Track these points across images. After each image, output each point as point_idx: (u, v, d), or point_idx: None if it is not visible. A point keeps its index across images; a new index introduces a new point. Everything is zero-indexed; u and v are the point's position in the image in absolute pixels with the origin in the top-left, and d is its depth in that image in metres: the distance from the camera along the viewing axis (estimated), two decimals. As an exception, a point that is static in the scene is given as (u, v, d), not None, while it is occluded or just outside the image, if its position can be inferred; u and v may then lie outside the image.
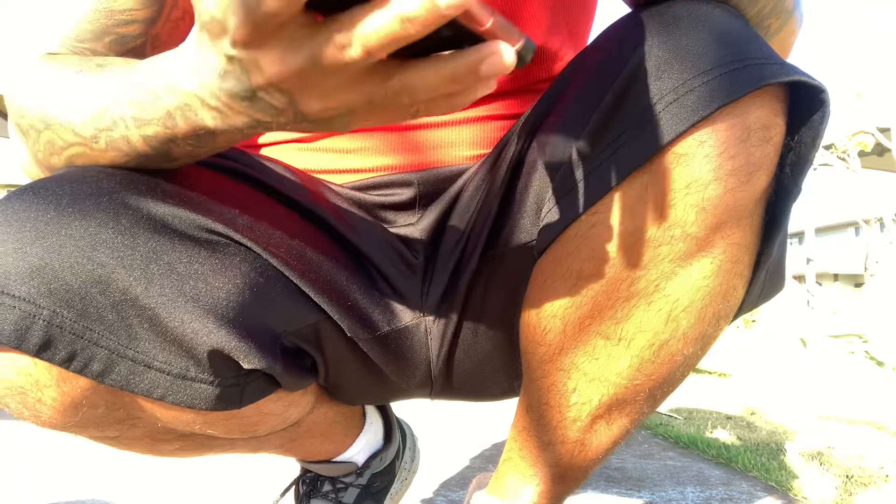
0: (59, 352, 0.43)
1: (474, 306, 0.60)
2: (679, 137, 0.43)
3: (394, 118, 0.37)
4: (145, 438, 0.55)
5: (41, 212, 0.42)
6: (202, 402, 0.48)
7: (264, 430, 0.60)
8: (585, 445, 0.54)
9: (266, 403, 0.55)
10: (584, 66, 0.52)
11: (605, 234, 0.47)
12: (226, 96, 0.37)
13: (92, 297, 0.42)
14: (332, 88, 0.34)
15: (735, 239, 0.46)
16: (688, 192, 0.44)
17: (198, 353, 0.46)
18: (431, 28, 0.29)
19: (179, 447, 0.58)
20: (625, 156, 0.45)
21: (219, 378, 0.48)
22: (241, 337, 0.47)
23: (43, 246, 0.42)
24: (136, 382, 0.45)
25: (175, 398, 0.47)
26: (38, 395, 0.45)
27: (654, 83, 0.44)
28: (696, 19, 0.45)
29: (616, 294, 0.47)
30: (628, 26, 0.48)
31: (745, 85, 0.42)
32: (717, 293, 0.47)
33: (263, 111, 0.37)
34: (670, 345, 0.48)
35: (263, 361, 0.48)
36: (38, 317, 0.42)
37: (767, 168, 0.44)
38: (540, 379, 0.53)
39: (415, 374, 0.64)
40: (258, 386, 0.52)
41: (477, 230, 0.59)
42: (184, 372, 0.46)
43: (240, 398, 0.51)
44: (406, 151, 0.64)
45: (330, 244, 0.59)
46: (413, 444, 0.93)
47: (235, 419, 0.55)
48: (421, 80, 0.33)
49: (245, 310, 0.48)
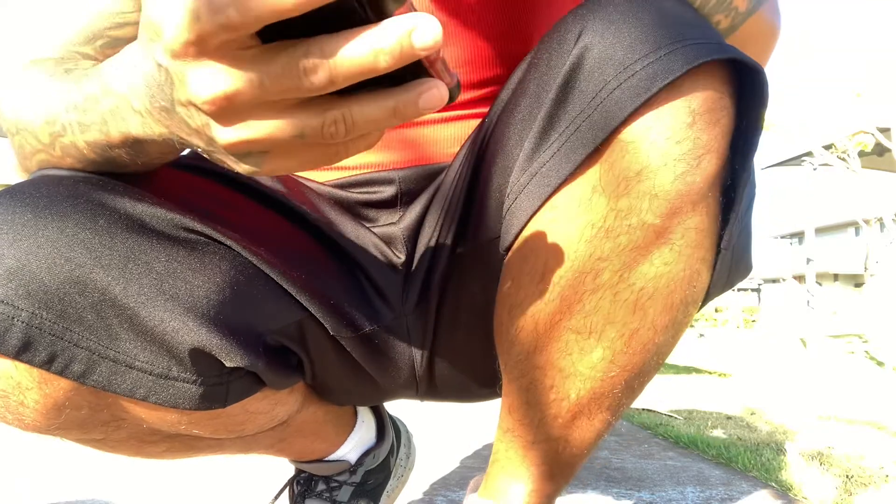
0: (40, 353, 0.42)
1: (450, 305, 0.60)
2: (624, 124, 0.43)
3: (314, 159, 0.34)
4: (131, 440, 0.54)
5: (18, 214, 0.42)
6: (185, 401, 0.48)
7: (252, 430, 0.59)
8: (569, 441, 0.53)
9: (252, 402, 0.55)
10: (535, 61, 0.52)
11: (566, 228, 0.47)
12: (149, 102, 0.36)
13: (71, 297, 0.42)
14: (260, 118, 0.31)
15: (692, 224, 0.45)
16: (639, 179, 0.44)
17: (179, 352, 0.45)
18: (402, 64, 0.29)
19: (167, 448, 0.58)
20: (574, 146, 0.45)
21: (202, 377, 0.48)
22: (222, 335, 0.46)
23: (20, 248, 0.41)
24: (118, 383, 0.45)
25: (158, 398, 0.47)
26: (20, 397, 0.45)
27: (597, 71, 0.44)
28: (639, 8, 0.45)
29: (582, 287, 0.47)
30: (573, 19, 0.48)
31: (684, 64, 0.42)
32: (681, 279, 0.47)
33: (180, 128, 0.35)
34: (641, 334, 0.48)
35: (246, 359, 0.48)
36: (17, 318, 0.41)
37: (717, 151, 0.44)
38: (518, 379, 0.53)
39: (399, 374, 0.63)
40: (243, 384, 0.52)
41: (446, 228, 0.59)
42: (166, 371, 0.46)
43: (224, 397, 0.50)
44: (388, 149, 0.64)
45: (310, 242, 0.59)
46: (408, 441, 0.92)
47: (222, 418, 0.54)
48: (363, 112, 0.31)
49: (226, 308, 0.47)
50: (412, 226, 0.63)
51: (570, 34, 0.47)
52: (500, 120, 0.55)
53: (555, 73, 0.47)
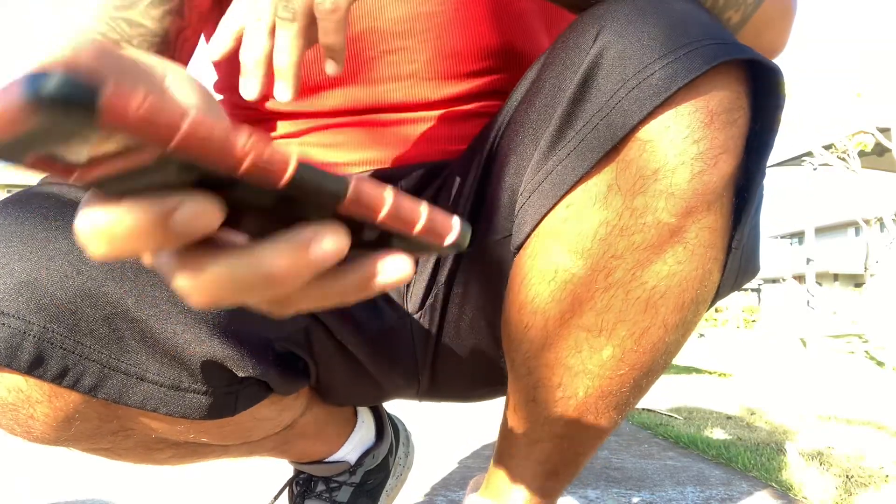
0: (51, 368, 0.42)
1: (456, 305, 0.60)
2: (642, 123, 0.43)
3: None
4: (138, 448, 0.54)
5: (27, 226, 0.42)
6: (195, 411, 0.48)
7: (259, 436, 0.60)
8: (574, 440, 0.53)
9: (260, 409, 0.55)
10: (550, 61, 0.52)
11: (580, 226, 0.47)
12: None
13: (82, 310, 0.42)
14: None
15: (706, 223, 0.46)
16: (656, 178, 0.44)
17: (191, 364, 0.45)
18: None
19: (173, 455, 0.58)
20: (591, 144, 0.45)
21: (212, 387, 0.48)
22: (233, 346, 0.46)
23: (31, 261, 0.41)
24: (129, 395, 0.45)
25: (168, 409, 0.47)
26: (29, 411, 0.45)
27: (616, 70, 0.44)
28: (655, 8, 0.45)
29: (594, 286, 0.47)
30: (590, 19, 0.48)
31: (703, 64, 0.42)
32: (694, 278, 0.47)
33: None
34: (651, 333, 0.48)
35: (258, 369, 0.48)
36: (29, 333, 0.41)
37: (733, 151, 0.44)
38: (524, 377, 0.53)
39: (402, 375, 0.63)
40: (251, 392, 0.52)
41: None
42: (176, 383, 0.46)
43: (234, 406, 0.50)
44: (391, 146, 0.64)
45: None
46: (407, 440, 0.92)
47: (230, 426, 0.54)
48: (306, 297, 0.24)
49: (235, 318, 0.47)
50: None
51: (587, 34, 0.47)
52: (514, 119, 0.54)
53: (572, 72, 0.47)
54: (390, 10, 0.59)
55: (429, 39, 0.60)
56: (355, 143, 0.64)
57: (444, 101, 0.63)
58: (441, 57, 0.61)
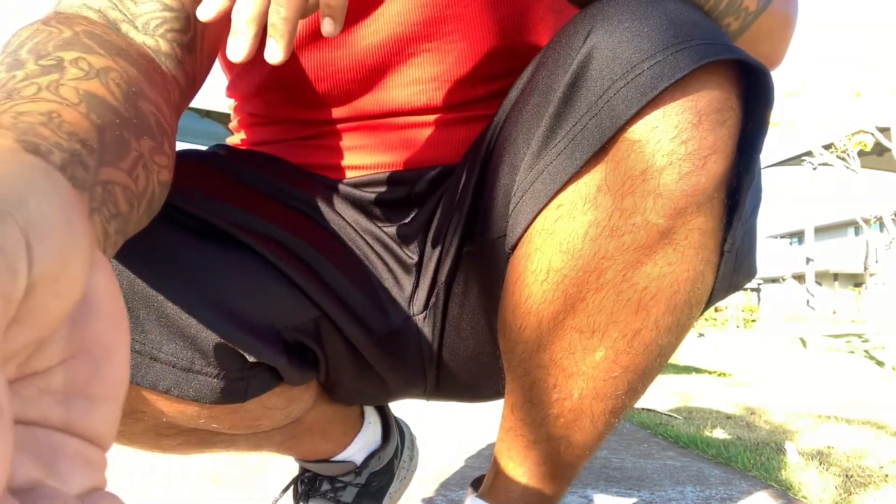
0: None
1: (457, 305, 0.61)
2: (630, 122, 0.43)
3: None
4: (149, 433, 0.55)
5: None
6: (207, 395, 0.48)
7: (267, 426, 0.60)
8: (571, 441, 0.54)
9: (269, 398, 0.56)
10: (544, 60, 0.52)
11: (570, 227, 0.47)
12: None
13: None
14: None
15: (696, 224, 0.45)
16: (644, 178, 0.44)
17: (204, 346, 0.46)
18: None
19: (182, 442, 0.59)
20: (580, 144, 0.45)
21: (224, 371, 0.48)
22: (246, 331, 0.47)
23: None
24: (143, 375, 0.46)
25: (180, 391, 0.47)
26: None
27: (605, 70, 0.44)
28: (648, 9, 0.45)
29: (586, 286, 0.47)
30: (582, 19, 0.48)
31: (690, 63, 0.42)
32: (685, 280, 0.47)
33: None
34: (643, 334, 0.48)
35: (268, 355, 0.49)
36: None
37: (723, 152, 0.44)
38: (521, 378, 0.53)
39: (409, 375, 0.64)
40: (262, 380, 0.53)
41: (454, 227, 0.59)
42: (189, 365, 0.47)
43: (244, 392, 0.51)
44: (402, 149, 0.64)
45: (326, 240, 0.60)
46: (412, 443, 0.93)
47: (239, 413, 0.55)
48: None
49: (248, 305, 0.48)
50: (424, 226, 0.64)
51: (578, 34, 0.47)
52: (509, 119, 0.55)
53: (562, 72, 0.47)
54: (415, 14, 0.59)
55: (454, 41, 0.60)
56: (369, 146, 0.64)
57: (466, 104, 0.63)
58: (466, 59, 0.61)
